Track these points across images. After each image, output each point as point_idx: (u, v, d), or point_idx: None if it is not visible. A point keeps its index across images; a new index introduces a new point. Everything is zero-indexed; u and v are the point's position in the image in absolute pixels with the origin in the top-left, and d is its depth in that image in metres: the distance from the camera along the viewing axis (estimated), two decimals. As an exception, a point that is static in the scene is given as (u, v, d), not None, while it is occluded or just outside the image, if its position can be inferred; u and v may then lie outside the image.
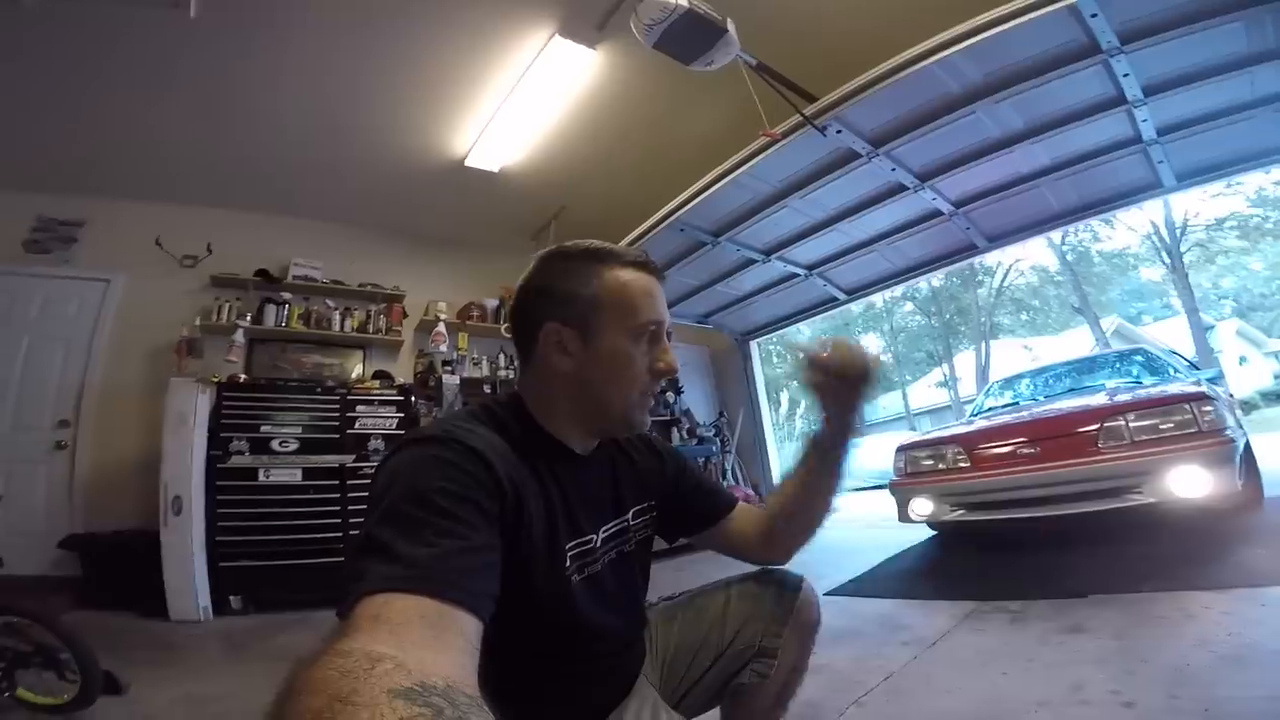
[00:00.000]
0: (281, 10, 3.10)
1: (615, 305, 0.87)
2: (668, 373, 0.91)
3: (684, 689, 1.07)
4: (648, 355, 0.89)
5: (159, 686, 2.24)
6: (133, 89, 3.50)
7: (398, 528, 0.60)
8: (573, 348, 0.87)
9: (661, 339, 0.91)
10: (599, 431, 0.94)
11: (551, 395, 0.89)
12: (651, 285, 0.90)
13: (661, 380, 0.93)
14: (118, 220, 4.40)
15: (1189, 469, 2.72)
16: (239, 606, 3.53)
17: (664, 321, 0.91)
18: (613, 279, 0.88)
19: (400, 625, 0.49)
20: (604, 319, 0.87)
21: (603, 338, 0.87)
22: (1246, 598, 1.97)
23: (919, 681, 1.80)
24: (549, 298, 0.88)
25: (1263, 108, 3.26)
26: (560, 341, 0.87)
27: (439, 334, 5.09)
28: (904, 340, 24.35)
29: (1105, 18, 2.75)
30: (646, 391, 0.91)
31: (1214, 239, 18.86)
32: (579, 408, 0.89)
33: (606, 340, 0.87)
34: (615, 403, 0.89)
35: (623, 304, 0.87)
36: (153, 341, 4.28)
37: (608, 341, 0.87)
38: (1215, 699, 1.34)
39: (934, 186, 4.01)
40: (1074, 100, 3.34)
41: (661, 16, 2.55)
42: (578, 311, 0.87)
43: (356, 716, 0.35)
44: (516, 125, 4.12)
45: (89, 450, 4.01)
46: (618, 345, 0.87)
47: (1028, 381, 4.99)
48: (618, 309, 0.87)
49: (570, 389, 0.88)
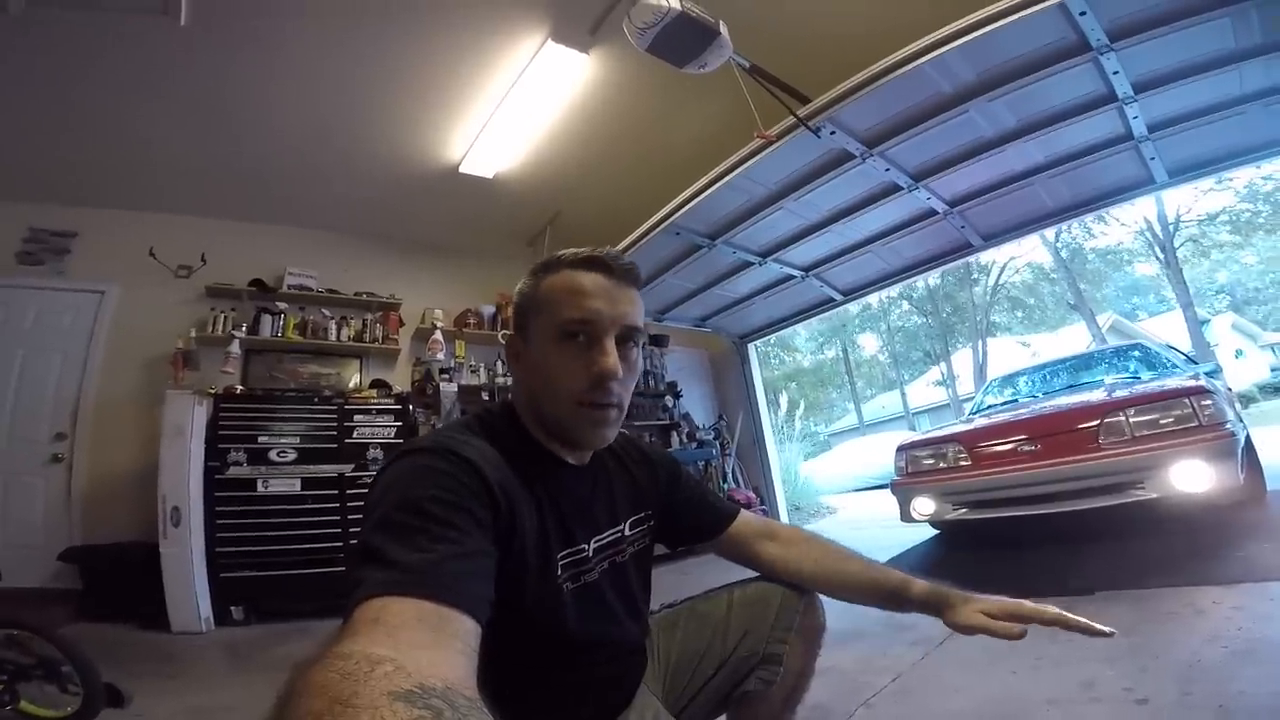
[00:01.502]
0: (273, 17, 3.09)
1: (544, 306, 0.84)
2: (602, 376, 0.80)
3: (687, 697, 1.06)
4: (580, 360, 0.82)
5: (162, 698, 2.23)
6: (124, 97, 3.49)
7: (393, 535, 0.60)
8: (519, 353, 0.89)
9: (599, 340, 0.82)
10: (560, 441, 0.88)
11: (523, 406, 0.90)
12: (587, 282, 0.83)
13: (605, 388, 0.81)
14: (110, 231, 4.39)
15: (1191, 463, 2.73)
16: (240, 617, 3.51)
17: (595, 319, 0.81)
18: (549, 281, 0.85)
19: (399, 628, 0.49)
20: (535, 323, 0.86)
21: (534, 341, 0.86)
22: (1255, 592, 1.97)
23: (928, 681, 1.79)
24: (514, 310, 0.91)
25: (1251, 103, 3.27)
26: (513, 349, 0.90)
27: (436, 342, 5.08)
28: (901, 340, 24.41)
29: (1094, 15, 2.75)
30: (584, 401, 0.82)
31: (1207, 234, 19.00)
32: (533, 414, 0.88)
33: (537, 343, 0.85)
34: (550, 412, 0.85)
35: (550, 303, 0.84)
36: (148, 353, 4.26)
37: (537, 344, 0.85)
38: (1229, 694, 1.34)
39: (928, 186, 4.01)
40: (1065, 98, 3.35)
41: (654, 20, 2.54)
42: (521, 317, 0.88)
43: (357, 718, 0.35)
44: (510, 131, 4.13)
45: (86, 463, 3.98)
46: (544, 347, 0.84)
47: (1026, 379, 5.01)
48: (546, 309, 0.84)
49: (525, 396, 0.89)
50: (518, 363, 0.90)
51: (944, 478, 3.53)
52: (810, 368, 25.68)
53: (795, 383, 22.89)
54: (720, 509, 1.11)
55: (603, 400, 0.83)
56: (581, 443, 0.88)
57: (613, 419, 0.85)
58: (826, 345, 25.21)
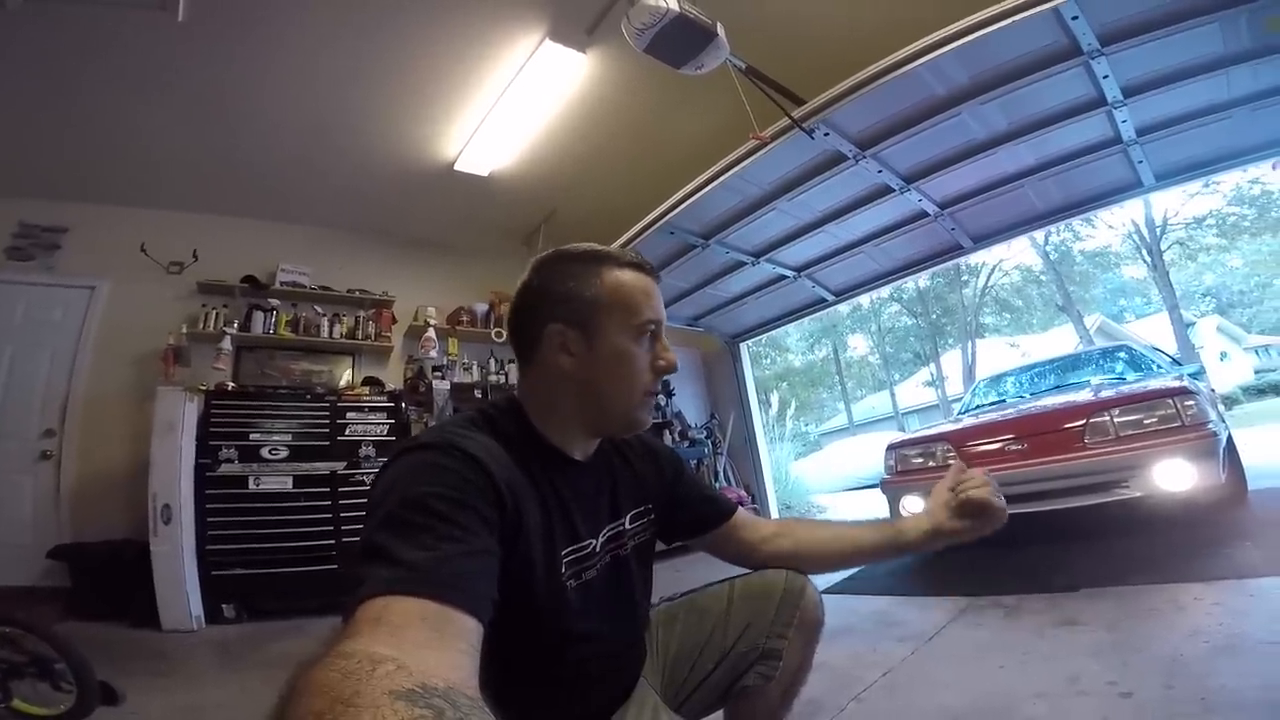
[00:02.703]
0: (270, 13, 3.08)
1: (617, 305, 0.88)
2: (668, 369, 0.92)
3: (687, 691, 1.07)
4: (648, 354, 0.91)
5: (155, 696, 2.22)
6: (118, 92, 3.46)
7: (397, 533, 0.60)
8: (576, 348, 0.87)
9: (661, 337, 0.93)
10: (602, 431, 0.95)
11: (554, 397, 0.90)
12: (649, 285, 0.92)
13: (662, 378, 0.94)
14: (102, 226, 4.35)
15: (1174, 463, 2.77)
16: (232, 615, 3.50)
17: (663, 320, 0.93)
18: (613, 279, 0.89)
19: (401, 627, 0.49)
20: (606, 319, 0.88)
21: (605, 337, 0.88)
22: (1235, 589, 2.01)
23: (917, 676, 1.82)
24: (551, 299, 0.89)
25: (1238, 108, 3.32)
26: (564, 342, 0.88)
27: (428, 339, 5.07)
28: (891, 340, 24.54)
29: (1086, 20, 2.80)
30: (649, 390, 0.92)
31: (1193, 237, 19.24)
32: (583, 408, 0.89)
33: (609, 340, 0.88)
34: (619, 402, 0.90)
35: (624, 304, 0.89)
36: (139, 349, 4.23)
37: (611, 341, 0.88)
38: (1210, 689, 1.37)
39: (920, 188, 4.04)
40: (1056, 101, 3.39)
41: (653, 20, 2.56)
42: (580, 312, 0.88)
43: (359, 718, 0.35)
44: (506, 129, 4.13)
45: (75, 460, 3.95)
46: (621, 344, 0.88)
47: (1014, 379, 5.06)
48: (619, 309, 0.88)
49: (574, 390, 0.89)
50: (568, 355, 0.87)
51: (933, 476, 3.55)
52: (801, 368, 25.75)
53: (786, 382, 22.93)
54: (720, 505, 1.13)
55: (658, 390, 0.97)
56: (638, 426, 0.95)
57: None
58: (817, 345, 25.30)
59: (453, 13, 3.20)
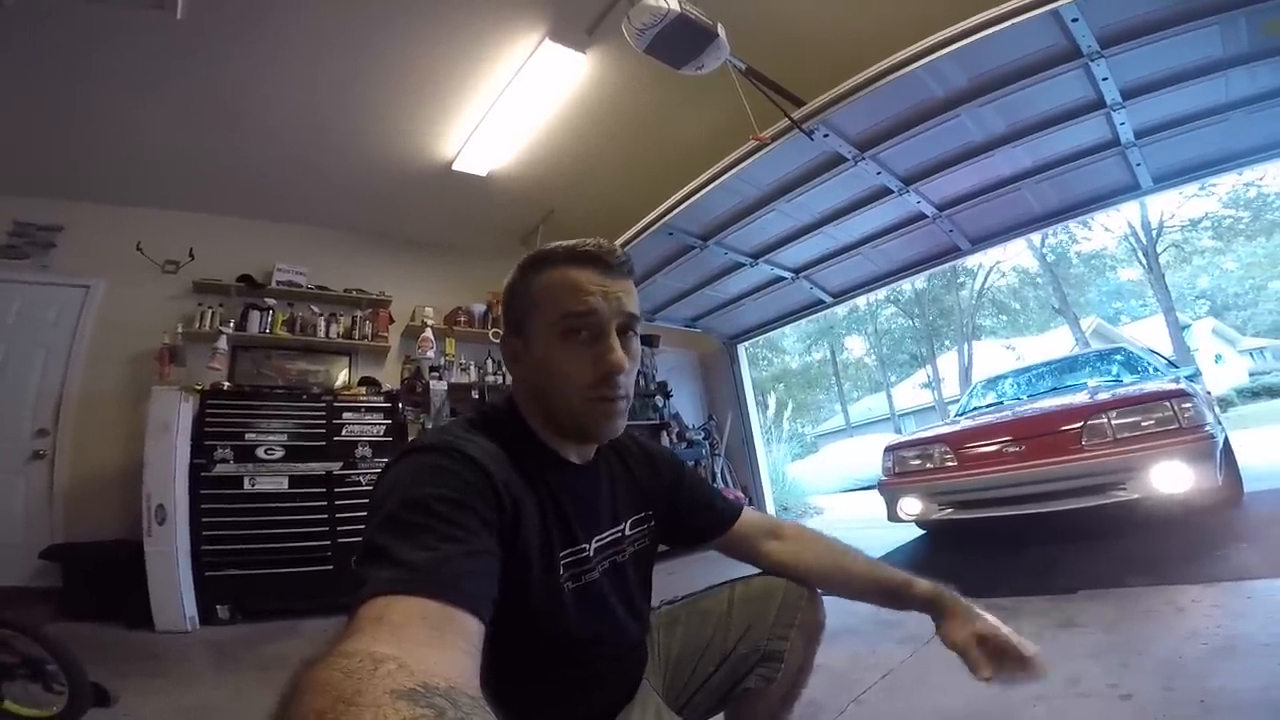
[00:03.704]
0: (267, 12, 3.06)
1: (543, 304, 0.83)
2: (610, 369, 0.81)
3: (688, 693, 1.06)
4: (586, 355, 0.82)
5: (148, 698, 2.20)
6: (114, 91, 3.44)
7: (398, 533, 0.60)
8: (518, 353, 0.87)
9: (602, 335, 0.82)
10: (567, 437, 0.89)
11: (525, 405, 0.89)
12: (584, 276, 0.82)
13: (611, 378, 0.82)
14: (97, 225, 4.32)
15: (1171, 465, 2.78)
16: (226, 616, 3.46)
17: (597, 312, 0.81)
18: (545, 279, 0.84)
19: (402, 626, 0.49)
20: (535, 321, 0.84)
21: (535, 340, 0.85)
22: (1233, 591, 2.01)
23: (917, 678, 1.82)
24: (505, 310, 0.90)
25: (1236, 110, 3.34)
26: (511, 349, 0.88)
27: (426, 339, 5.05)
28: (888, 342, 24.60)
29: (1086, 22, 2.81)
30: (593, 396, 0.83)
31: (1189, 240, 19.35)
32: (540, 413, 0.88)
33: (538, 342, 0.84)
34: (560, 406, 0.84)
35: (548, 301, 0.83)
36: (134, 348, 4.20)
37: (539, 343, 0.84)
38: (1210, 690, 1.37)
39: (918, 190, 4.06)
40: (1055, 104, 3.40)
41: (653, 21, 2.56)
42: (517, 316, 0.87)
43: (360, 717, 0.35)
44: (505, 129, 4.11)
45: (68, 460, 3.92)
46: (547, 345, 0.83)
47: (1011, 381, 5.07)
48: (544, 307, 0.83)
49: (528, 395, 0.88)
50: (517, 363, 0.88)
51: (930, 478, 3.57)
52: (798, 369, 25.82)
53: (783, 384, 22.99)
54: (724, 509, 1.11)
55: (612, 393, 0.83)
56: (593, 436, 0.88)
57: (622, 409, 0.86)
58: (814, 347, 25.36)
59: (452, 12, 3.19)
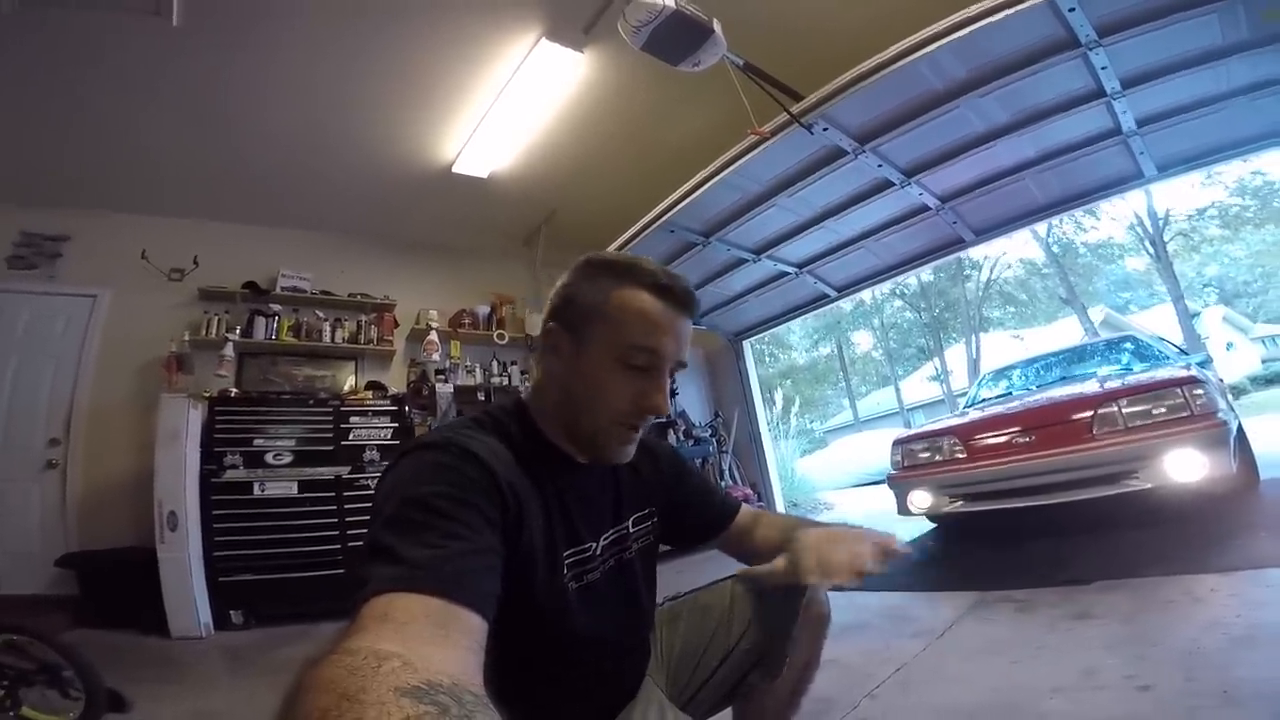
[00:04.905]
0: (265, 18, 3.08)
1: (612, 320, 0.83)
2: (650, 411, 0.84)
3: (692, 690, 1.06)
4: (634, 386, 0.83)
5: (164, 703, 2.22)
6: (115, 100, 3.47)
7: (401, 531, 0.60)
8: (564, 352, 0.86)
9: (657, 374, 0.84)
10: (576, 443, 0.88)
11: (545, 395, 0.89)
12: (663, 314, 0.83)
13: (645, 418, 0.85)
14: (102, 234, 4.35)
15: (1184, 452, 2.75)
16: (240, 621, 3.49)
17: (662, 353, 0.83)
18: (624, 295, 0.83)
19: (406, 624, 0.49)
20: (597, 331, 0.84)
21: (590, 350, 0.84)
22: (1251, 579, 1.98)
23: (930, 672, 1.81)
24: (563, 299, 0.88)
25: (1238, 98, 3.30)
26: (557, 343, 0.87)
27: (431, 343, 5.06)
28: (895, 336, 24.51)
29: (1083, 12, 2.78)
30: (624, 424, 0.85)
31: (1196, 228, 19.17)
32: (560, 414, 0.87)
33: (593, 354, 0.84)
34: (587, 421, 0.85)
35: (619, 321, 0.83)
36: (142, 357, 4.23)
37: (594, 355, 0.84)
38: (1232, 680, 1.35)
39: (920, 182, 4.03)
40: (1055, 93, 3.37)
41: (649, 18, 2.55)
42: (577, 316, 0.85)
43: (364, 714, 0.35)
44: (504, 130, 4.12)
45: (81, 468, 3.95)
46: (601, 363, 0.83)
47: (1020, 371, 5.03)
48: (613, 325, 0.83)
49: (556, 393, 0.88)
50: (558, 357, 0.86)
51: (940, 471, 3.54)
52: (805, 365, 25.75)
53: (790, 380, 22.96)
54: (723, 506, 1.11)
55: (640, 425, 0.87)
56: (605, 458, 0.88)
57: (636, 439, 0.89)
58: (821, 342, 25.28)
59: (448, 14, 3.19)
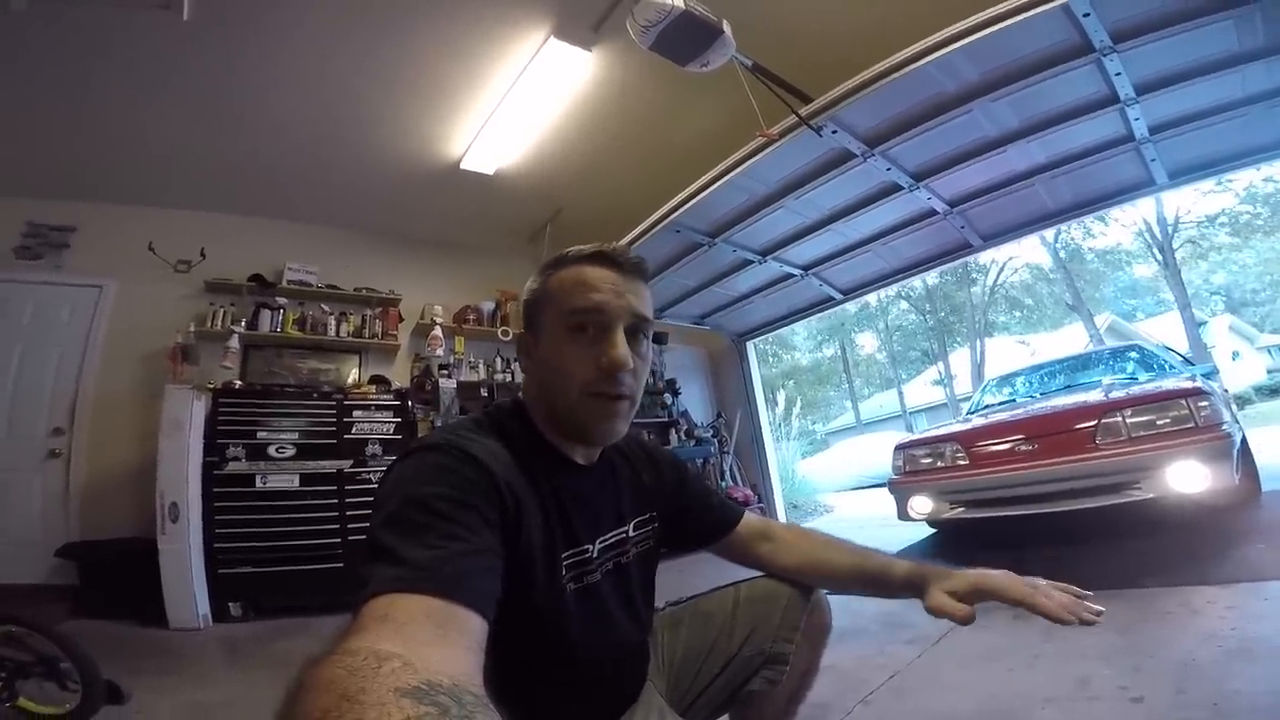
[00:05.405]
0: (275, 13, 3.08)
1: (554, 299, 0.85)
2: (610, 367, 0.80)
3: (692, 695, 1.06)
4: (591, 351, 0.82)
5: (162, 695, 2.23)
6: (124, 93, 3.48)
7: (401, 532, 0.60)
8: (530, 347, 0.89)
9: (609, 331, 0.82)
10: (567, 436, 0.88)
11: (529, 395, 0.91)
12: (598, 275, 0.84)
13: (615, 379, 0.82)
14: (109, 225, 4.37)
15: (1187, 464, 2.74)
16: (239, 613, 3.51)
17: (605, 309, 0.82)
18: (559, 275, 0.86)
19: (406, 624, 0.49)
20: (545, 315, 0.86)
21: (544, 335, 0.86)
22: (1249, 592, 1.98)
23: (925, 679, 1.80)
24: (523, 307, 0.92)
25: (1253, 105, 3.27)
26: (523, 345, 0.90)
27: (435, 338, 5.08)
28: (899, 339, 24.43)
29: (1098, 17, 2.76)
30: (594, 392, 0.82)
31: (1205, 235, 19.04)
32: (543, 408, 0.88)
33: (547, 336, 0.86)
34: (560, 405, 0.84)
35: (559, 296, 0.85)
36: (147, 348, 4.25)
37: (547, 337, 0.86)
38: (1224, 693, 1.35)
39: (929, 186, 4.00)
40: (1068, 99, 3.35)
41: (658, 18, 2.54)
42: (532, 313, 0.89)
43: (364, 715, 0.35)
44: (512, 128, 4.12)
45: (84, 458, 3.97)
46: (554, 339, 0.84)
47: (1024, 379, 5.02)
48: (554, 303, 0.85)
49: (535, 389, 0.90)
50: (528, 358, 0.90)
51: (942, 477, 3.54)
52: (808, 366, 25.72)
53: (793, 381, 22.93)
54: (725, 513, 1.11)
55: (613, 391, 0.83)
56: (592, 436, 0.87)
57: (624, 411, 0.85)
58: (825, 344, 25.24)
59: (458, 11, 3.19)
